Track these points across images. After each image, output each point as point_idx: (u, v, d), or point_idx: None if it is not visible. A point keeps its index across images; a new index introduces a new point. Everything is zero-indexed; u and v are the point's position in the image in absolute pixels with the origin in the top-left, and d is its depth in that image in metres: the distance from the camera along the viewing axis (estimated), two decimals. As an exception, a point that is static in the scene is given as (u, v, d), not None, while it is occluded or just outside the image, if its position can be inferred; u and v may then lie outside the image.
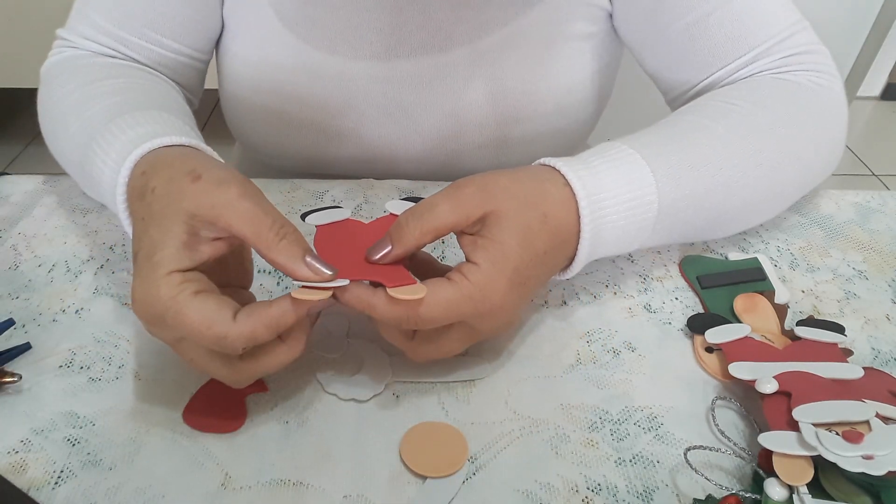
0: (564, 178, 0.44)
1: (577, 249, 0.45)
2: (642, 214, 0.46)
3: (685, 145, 0.49)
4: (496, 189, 0.42)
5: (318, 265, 0.39)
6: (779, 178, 0.52)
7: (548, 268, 0.44)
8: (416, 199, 0.48)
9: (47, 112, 0.57)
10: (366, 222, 0.47)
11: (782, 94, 0.54)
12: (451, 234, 0.43)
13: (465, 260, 0.42)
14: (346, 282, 0.40)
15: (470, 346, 0.44)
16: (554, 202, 0.43)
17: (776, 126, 0.52)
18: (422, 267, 0.46)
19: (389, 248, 0.42)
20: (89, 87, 0.54)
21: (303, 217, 0.48)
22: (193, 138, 0.46)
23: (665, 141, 0.49)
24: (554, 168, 0.45)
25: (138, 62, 0.61)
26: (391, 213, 0.47)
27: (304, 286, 0.39)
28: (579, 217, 0.44)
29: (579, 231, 0.44)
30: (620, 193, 0.45)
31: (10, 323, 0.47)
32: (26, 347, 0.46)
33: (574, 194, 0.44)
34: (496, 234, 0.41)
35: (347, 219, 0.48)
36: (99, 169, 0.47)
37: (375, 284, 0.41)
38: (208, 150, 0.46)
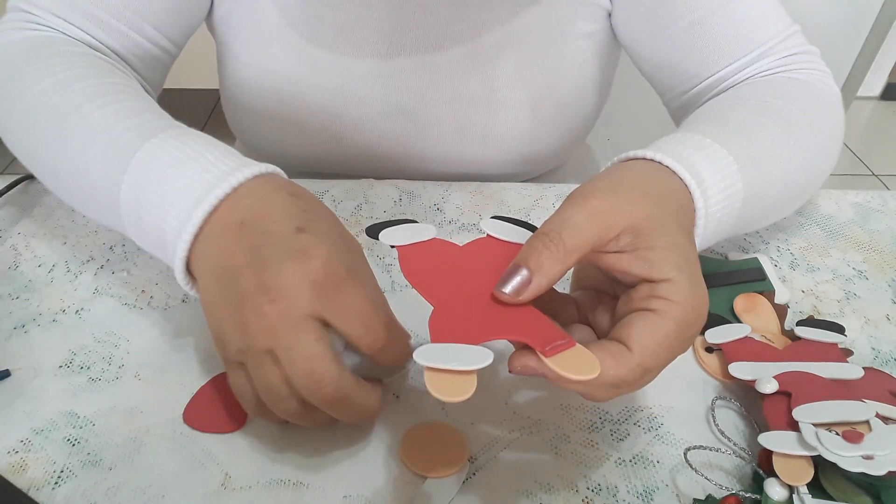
0: (670, 169, 0.41)
1: None
2: (732, 205, 0.44)
3: (748, 136, 0.48)
4: (624, 192, 0.37)
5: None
6: (815, 170, 0.53)
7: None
8: (514, 220, 0.41)
9: (12, 102, 0.50)
10: (459, 244, 0.39)
11: (802, 92, 0.55)
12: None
13: (631, 283, 0.36)
14: (489, 360, 0.31)
15: None
16: (678, 194, 0.40)
17: (808, 121, 0.52)
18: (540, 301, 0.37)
19: (528, 278, 0.34)
20: (76, 86, 0.47)
21: (371, 233, 0.41)
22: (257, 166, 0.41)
23: (732, 132, 0.47)
24: (652, 160, 0.41)
25: (111, 49, 0.56)
26: (489, 235, 0.40)
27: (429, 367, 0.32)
28: (695, 208, 0.41)
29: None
30: (716, 183, 0.42)
31: (5, 374, 0.45)
32: (4, 375, 0.45)
33: (686, 185, 0.40)
34: (663, 238, 0.35)
35: (434, 238, 0.40)
36: (155, 208, 0.40)
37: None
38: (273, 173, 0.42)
